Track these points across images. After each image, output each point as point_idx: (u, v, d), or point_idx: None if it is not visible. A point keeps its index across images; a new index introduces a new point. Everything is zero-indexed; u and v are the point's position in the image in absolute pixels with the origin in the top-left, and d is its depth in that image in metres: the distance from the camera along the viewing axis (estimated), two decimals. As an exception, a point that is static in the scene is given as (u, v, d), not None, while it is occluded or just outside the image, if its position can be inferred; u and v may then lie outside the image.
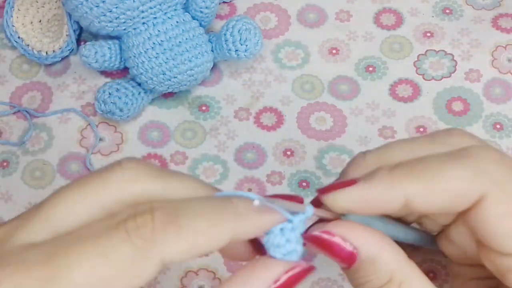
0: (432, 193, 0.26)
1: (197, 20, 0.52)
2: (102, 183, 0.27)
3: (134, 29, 0.50)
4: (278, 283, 0.26)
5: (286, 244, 0.26)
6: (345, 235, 0.27)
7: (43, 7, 0.56)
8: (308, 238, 0.28)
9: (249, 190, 0.50)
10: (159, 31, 0.50)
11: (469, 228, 0.28)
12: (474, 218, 0.27)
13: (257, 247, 0.29)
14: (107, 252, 0.24)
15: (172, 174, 0.28)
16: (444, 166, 0.26)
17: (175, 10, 0.51)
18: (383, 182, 0.27)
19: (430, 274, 0.36)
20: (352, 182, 0.27)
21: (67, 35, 0.54)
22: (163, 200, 0.26)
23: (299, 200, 0.28)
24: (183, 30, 0.50)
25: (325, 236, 0.27)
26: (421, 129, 0.52)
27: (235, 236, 0.26)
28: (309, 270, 0.27)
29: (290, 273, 0.26)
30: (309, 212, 0.27)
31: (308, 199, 0.36)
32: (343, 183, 0.28)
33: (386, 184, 0.27)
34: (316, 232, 0.28)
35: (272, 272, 0.26)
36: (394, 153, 0.29)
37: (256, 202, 0.25)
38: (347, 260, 0.27)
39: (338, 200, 0.28)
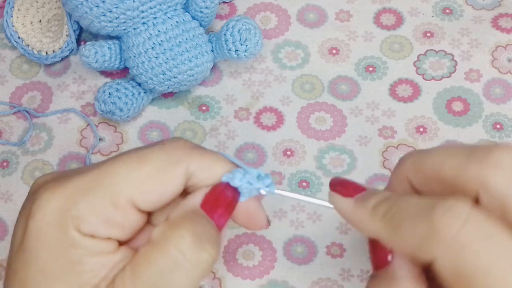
0: (393, 240, 0.30)
1: (197, 20, 0.52)
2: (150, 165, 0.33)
3: (134, 29, 0.50)
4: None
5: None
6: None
7: (43, 7, 0.56)
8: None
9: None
10: (159, 31, 0.50)
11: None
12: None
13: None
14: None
15: (206, 152, 0.34)
16: (408, 221, 0.29)
17: (175, 10, 0.51)
18: (363, 213, 0.31)
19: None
20: (352, 194, 0.33)
21: (67, 35, 0.54)
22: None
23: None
24: (183, 30, 0.50)
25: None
26: (421, 129, 0.52)
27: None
28: (233, 197, 0.33)
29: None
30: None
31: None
32: (348, 189, 0.33)
33: (363, 216, 0.31)
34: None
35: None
36: (429, 163, 0.31)
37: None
38: (381, 262, 0.31)
39: (334, 201, 0.33)
